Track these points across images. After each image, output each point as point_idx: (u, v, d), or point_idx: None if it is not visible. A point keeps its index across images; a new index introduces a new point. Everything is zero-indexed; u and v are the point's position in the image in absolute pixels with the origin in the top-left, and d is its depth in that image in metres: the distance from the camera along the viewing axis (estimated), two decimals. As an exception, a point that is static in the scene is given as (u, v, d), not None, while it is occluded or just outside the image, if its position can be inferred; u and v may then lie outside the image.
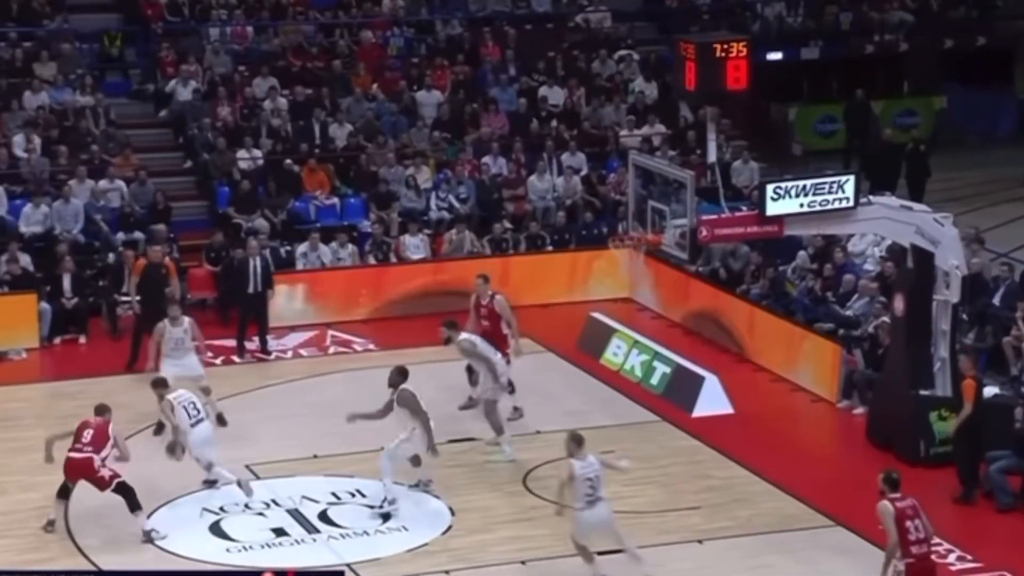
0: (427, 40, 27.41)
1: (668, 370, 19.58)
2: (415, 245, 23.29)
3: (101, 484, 15.23)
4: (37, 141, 23.44)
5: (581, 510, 14.10)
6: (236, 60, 25.97)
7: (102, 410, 15.56)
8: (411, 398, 15.80)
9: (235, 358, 20.63)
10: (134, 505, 15.25)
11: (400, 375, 15.93)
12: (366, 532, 15.68)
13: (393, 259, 23.16)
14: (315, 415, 18.04)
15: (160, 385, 16.30)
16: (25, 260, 21.68)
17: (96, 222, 22.69)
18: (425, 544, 15.42)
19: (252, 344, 20.87)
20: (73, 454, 15.24)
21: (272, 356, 20.84)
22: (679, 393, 19.19)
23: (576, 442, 14.19)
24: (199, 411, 16.03)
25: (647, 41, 28.57)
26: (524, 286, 22.74)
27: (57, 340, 21.29)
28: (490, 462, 17.20)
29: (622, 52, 27.72)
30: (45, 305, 21.19)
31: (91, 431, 15.35)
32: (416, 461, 16.17)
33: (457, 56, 26.90)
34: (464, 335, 17.39)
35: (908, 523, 13.08)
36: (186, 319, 17.95)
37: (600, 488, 14.11)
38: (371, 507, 15.99)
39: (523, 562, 14.87)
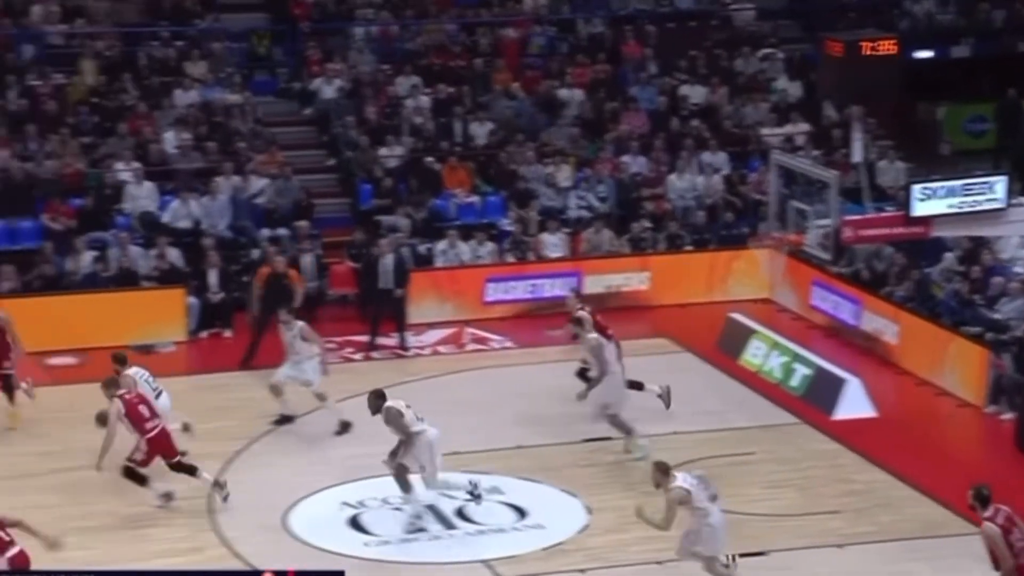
0: (568, 38, 27.35)
1: (809, 372, 19.31)
2: (554, 243, 23.26)
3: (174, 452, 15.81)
4: (187, 138, 23.86)
5: (707, 524, 13.82)
6: (380, 59, 26.16)
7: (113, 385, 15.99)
8: (396, 416, 15.38)
9: (373, 354, 20.80)
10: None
11: (377, 398, 15.49)
12: (503, 529, 15.69)
13: (531, 257, 23.16)
14: (452, 412, 18.10)
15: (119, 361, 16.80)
16: (174, 255, 22.09)
17: (242, 218, 23.03)
18: (561, 543, 15.37)
19: (391, 340, 21.02)
20: (155, 431, 15.64)
21: (411, 353, 20.96)
22: (820, 395, 18.91)
23: (663, 471, 13.83)
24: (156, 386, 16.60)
25: (791, 39, 28.20)
26: (663, 285, 22.60)
27: (204, 334, 21.67)
28: (625, 462, 17.09)
29: (766, 51, 27.40)
30: (193, 300, 21.57)
31: (145, 406, 15.77)
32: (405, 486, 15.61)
33: (598, 55, 26.81)
34: (594, 334, 17.31)
35: (1010, 537, 12.69)
36: (298, 323, 18.05)
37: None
38: (511, 505, 15.95)
39: (659, 562, 14.75)
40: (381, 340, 21.06)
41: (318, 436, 17.81)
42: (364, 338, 21.02)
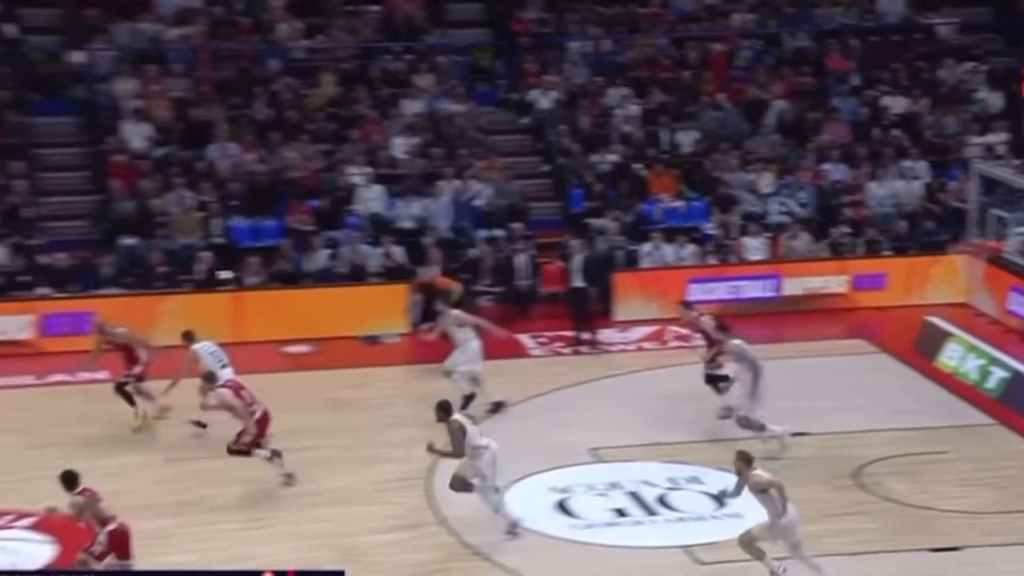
0: (774, 52, 26.91)
1: (1006, 375, 18.62)
2: (755, 247, 22.94)
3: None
4: (414, 144, 24.19)
5: (781, 516, 13.51)
6: (593, 71, 26.12)
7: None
8: (458, 430, 14.72)
9: (581, 349, 20.78)
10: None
11: (443, 410, 14.87)
12: (702, 517, 15.49)
13: (733, 259, 22.86)
14: (653, 405, 17.96)
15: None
16: (398, 253, 22.41)
17: (462, 219, 23.24)
18: (757, 532, 15.11)
19: (601, 336, 21.02)
20: (261, 412, 15.93)
21: (616, 348, 20.89)
22: (1016, 398, 18.22)
23: (746, 460, 13.66)
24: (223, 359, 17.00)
25: (996, 52, 27.25)
26: (861, 289, 22.09)
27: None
28: (823, 456, 16.73)
29: (970, 63, 26.55)
30: (415, 295, 21.82)
31: (246, 390, 16.02)
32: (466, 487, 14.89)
33: (803, 67, 26.33)
34: (737, 340, 16.95)
35: None
36: (452, 312, 18.18)
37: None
38: (711, 494, 15.75)
39: (852, 554, 14.37)
40: (591, 336, 20.98)
41: (531, 424, 17.84)
42: (572, 333, 21.03)
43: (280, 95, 24.43)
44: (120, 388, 17.71)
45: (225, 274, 21.64)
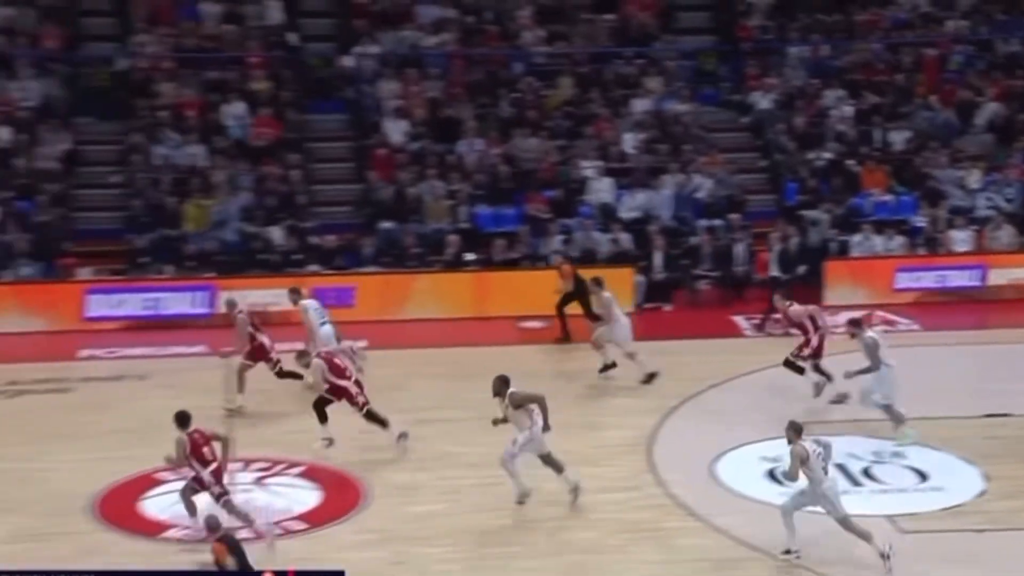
0: (986, 56, 25.89)
1: None
2: (961, 239, 22.19)
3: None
4: (641, 140, 24.12)
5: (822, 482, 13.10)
6: (810, 74, 25.59)
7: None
8: (521, 398, 14.20)
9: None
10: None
11: (502, 383, 14.29)
12: (904, 489, 15.06)
13: (942, 251, 22.14)
14: (858, 384, 17.47)
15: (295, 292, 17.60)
16: (625, 240, 22.41)
17: (684, 209, 23.09)
18: (960, 504, 14.59)
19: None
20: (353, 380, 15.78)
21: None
22: None
23: (796, 431, 13.19)
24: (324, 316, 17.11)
25: None
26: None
27: (647, 307, 21.88)
28: (1017, 436, 16.06)
29: None
30: (640, 278, 21.82)
31: (338, 358, 15.81)
32: (555, 465, 14.39)
33: (1015, 71, 25.25)
34: (871, 333, 16.30)
35: None
36: (604, 294, 18.20)
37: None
38: (913, 468, 15.28)
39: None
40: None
41: (742, 398, 17.63)
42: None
43: (523, 96, 24.66)
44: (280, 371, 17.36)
45: (470, 256, 21.99)
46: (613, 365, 18.13)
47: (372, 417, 15.65)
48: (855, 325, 16.68)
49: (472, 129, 23.92)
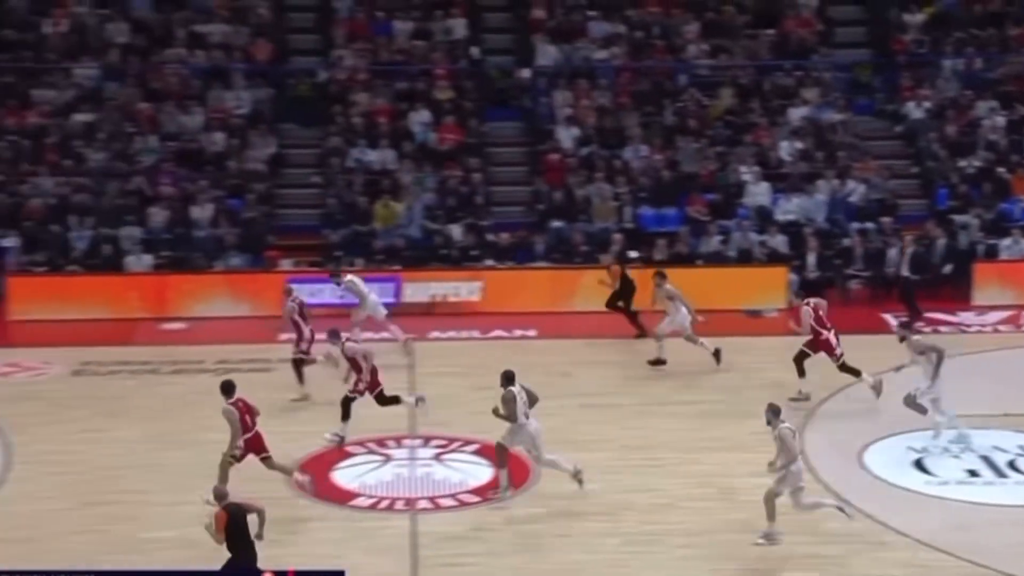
0: None
1: None
2: (1113, 245, 21.04)
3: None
4: (797, 147, 23.57)
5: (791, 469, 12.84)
6: (964, 86, 24.65)
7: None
8: (510, 401, 13.86)
9: (941, 329, 19.72)
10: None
11: (507, 380, 13.95)
12: (1049, 483, 14.40)
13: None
14: (1006, 380, 16.78)
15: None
16: (780, 241, 21.92)
17: (837, 213, 22.49)
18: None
19: (955, 317, 19.87)
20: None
21: (973, 330, 19.69)
22: None
23: (775, 412, 12.98)
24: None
25: None
26: None
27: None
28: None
29: None
30: (793, 276, 21.32)
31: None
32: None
33: None
34: (917, 336, 15.67)
35: None
36: (666, 286, 18.10)
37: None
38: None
39: None
40: (942, 316, 19.89)
41: (891, 391, 16.99)
42: (933, 314, 19.97)
43: (686, 105, 24.36)
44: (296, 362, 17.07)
45: (633, 253, 21.81)
46: (663, 362, 17.96)
47: (384, 400, 15.48)
48: (905, 328, 16.07)
49: (637, 136, 23.73)
